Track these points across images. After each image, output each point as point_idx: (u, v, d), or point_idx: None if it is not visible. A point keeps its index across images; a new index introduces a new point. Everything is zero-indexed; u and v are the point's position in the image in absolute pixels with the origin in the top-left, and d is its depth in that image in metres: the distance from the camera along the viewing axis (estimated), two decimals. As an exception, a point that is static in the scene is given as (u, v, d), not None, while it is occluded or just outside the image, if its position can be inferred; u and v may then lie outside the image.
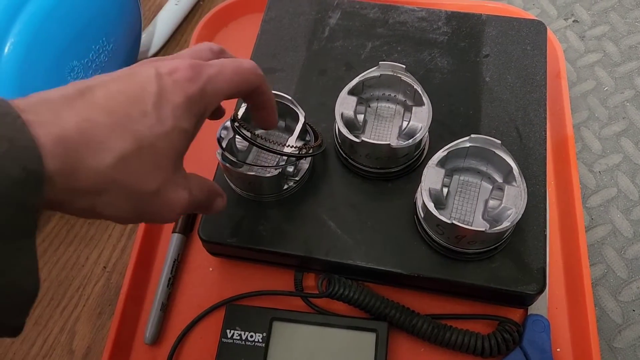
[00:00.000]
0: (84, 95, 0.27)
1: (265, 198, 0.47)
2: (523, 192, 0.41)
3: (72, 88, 0.27)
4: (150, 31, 0.65)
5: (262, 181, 0.44)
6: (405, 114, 0.49)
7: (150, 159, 0.29)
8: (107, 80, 0.29)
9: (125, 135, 0.27)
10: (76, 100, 0.27)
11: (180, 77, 0.30)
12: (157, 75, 0.29)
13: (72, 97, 0.27)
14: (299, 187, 0.47)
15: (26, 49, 0.46)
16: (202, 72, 0.31)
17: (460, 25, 0.55)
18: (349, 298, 0.45)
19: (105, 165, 0.27)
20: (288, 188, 0.46)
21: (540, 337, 0.45)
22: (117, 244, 0.54)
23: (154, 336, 0.47)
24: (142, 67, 0.30)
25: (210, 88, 0.31)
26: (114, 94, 0.28)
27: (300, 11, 0.57)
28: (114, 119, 0.27)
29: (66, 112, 0.26)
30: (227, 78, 0.32)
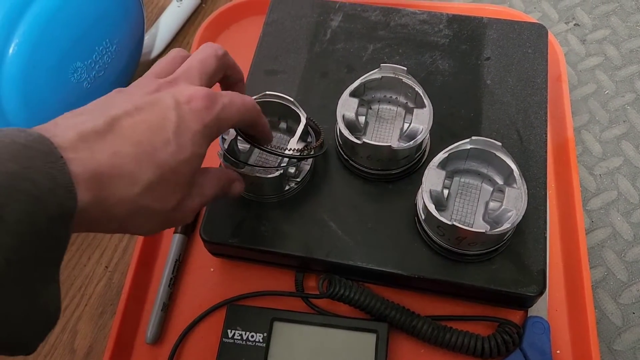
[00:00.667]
0: (112, 128, 0.29)
1: (267, 199, 0.47)
2: (523, 194, 0.42)
3: (101, 120, 0.29)
4: (152, 33, 0.66)
5: (264, 182, 0.45)
6: (406, 116, 0.49)
7: (172, 184, 0.32)
8: (131, 109, 0.31)
9: (151, 165, 0.30)
10: (106, 135, 0.29)
11: (197, 106, 0.32)
12: (176, 105, 0.32)
13: (102, 131, 0.29)
14: (300, 188, 0.47)
15: (30, 49, 0.47)
16: (217, 101, 0.34)
17: (461, 28, 0.55)
18: (350, 299, 0.45)
19: (133, 194, 0.30)
20: (289, 189, 0.47)
21: (540, 339, 0.45)
22: (119, 244, 0.54)
23: (155, 336, 0.47)
24: (162, 95, 0.32)
25: (223, 116, 0.34)
26: (139, 124, 0.30)
27: (302, 14, 0.58)
28: (140, 149, 0.30)
29: (99, 146, 0.28)
30: (236, 108, 0.35)
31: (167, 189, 0.31)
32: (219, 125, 0.34)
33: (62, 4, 0.48)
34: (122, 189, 0.29)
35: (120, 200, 0.29)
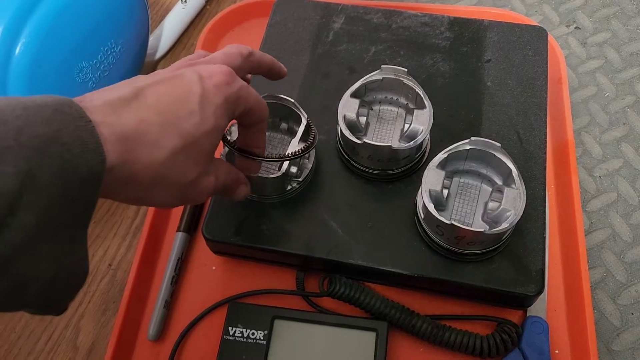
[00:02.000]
0: (138, 97, 0.30)
1: (269, 199, 0.47)
2: (522, 195, 0.42)
3: (127, 89, 0.30)
4: (157, 34, 0.66)
5: (266, 182, 0.45)
6: (406, 116, 0.49)
7: (193, 155, 0.32)
8: (155, 81, 0.32)
9: (175, 134, 0.31)
10: (132, 102, 0.30)
11: (219, 80, 0.33)
12: (200, 79, 0.33)
13: (128, 98, 0.30)
14: (302, 187, 0.48)
15: (37, 49, 0.47)
16: (237, 79, 0.35)
17: (462, 31, 0.56)
18: (350, 297, 0.46)
19: (157, 162, 0.30)
20: (291, 189, 0.47)
21: (538, 338, 0.45)
22: (123, 242, 0.55)
23: (157, 333, 0.48)
24: (184, 70, 0.33)
25: (243, 93, 0.35)
26: (163, 95, 0.31)
27: (305, 16, 0.58)
28: (165, 118, 0.31)
29: (125, 112, 0.29)
30: (253, 92, 0.36)
31: (188, 161, 0.32)
32: (237, 102, 0.34)
33: (68, 5, 0.49)
34: (147, 155, 0.30)
35: (145, 166, 0.30)
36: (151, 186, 0.31)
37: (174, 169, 0.31)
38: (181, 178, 0.32)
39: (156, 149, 0.30)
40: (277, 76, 0.43)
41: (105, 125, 0.27)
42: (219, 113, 0.33)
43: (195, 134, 0.32)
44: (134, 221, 0.56)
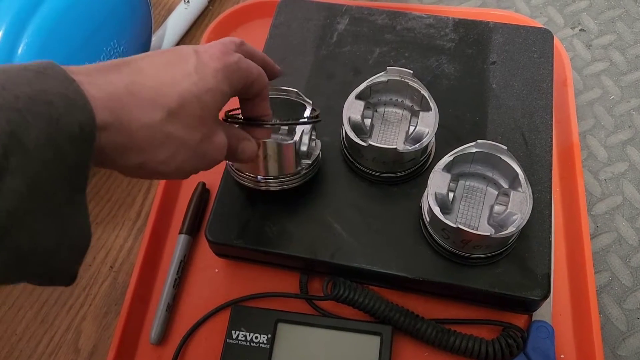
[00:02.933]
0: (129, 64, 0.30)
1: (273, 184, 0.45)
2: (529, 198, 0.42)
3: (117, 60, 0.30)
4: (160, 34, 0.66)
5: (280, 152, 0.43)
6: (412, 119, 0.49)
7: (197, 112, 0.31)
8: (149, 54, 0.32)
9: (172, 93, 0.30)
10: (122, 67, 0.29)
11: (215, 52, 0.33)
12: (195, 51, 0.33)
13: (119, 64, 0.29)
14: (312, 174, 0.46)
15: (39, 49, 0.47)
16: (233, 53, 0.34)
17: (467, 33, 0.56)
18: (354, 301, 0.45)
19: (156, 120, 0.29)
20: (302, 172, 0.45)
21: (544, 343, 0.45)
22: (124, 245, 0.55)
23: (159, 336, 0.48)
24: (179, 46, 0.34)
25: (243, 64, 0.34)
26: (157, 62, 0.31)
27: (309, 16, 0.58)
28: (159, 80, 0.30)
29: (115, 75, 0.28)
30: (253, 64, 0.36)
31: (192, 118, 0.31)
32: (239, 72, 0.34)
33: (71, 5, 0.49)
34: (144, 114, 0.29)
35: (142, 125, 0.28)
36: (153, 148, 0.30)
37: (177, 126, 0.30)
38: (189, 136, 0.31)
39: (153, 108, 0.29)
40: (271, 74, 0.42)
41: (92, 85, 0.27)
42: (219, 77, 0.32)
43: (195, 91, 0.31)
44: (136, 223, 0.56)
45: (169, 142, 0.30)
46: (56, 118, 0.24)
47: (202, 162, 0.34)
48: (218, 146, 0.34)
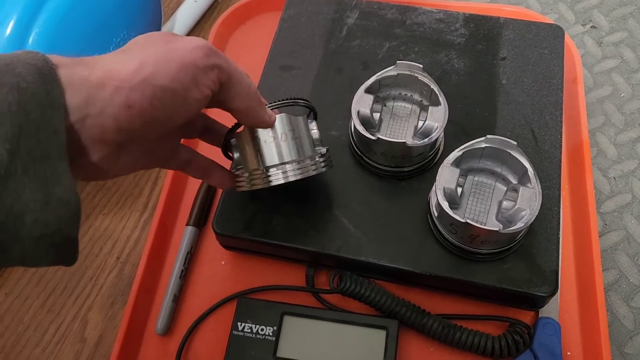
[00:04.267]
0: None
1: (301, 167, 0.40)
2: (538, 194, 0.41)
3: None
4: (169, 27, 0.66)
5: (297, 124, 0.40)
6: (421, 113, 0.49)
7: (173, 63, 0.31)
8: None
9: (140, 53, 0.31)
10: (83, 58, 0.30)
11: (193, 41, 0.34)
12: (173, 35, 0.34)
13: None
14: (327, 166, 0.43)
15: (49, 39, 0.47)
16: None
17: (477, 28, 0.55)
18: (360, 295, 0.45)
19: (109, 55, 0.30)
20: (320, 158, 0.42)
21: (550, 340, 0.45)
22: (131, 235, 0.55)
23: (165, 327, 0.48)
24: None
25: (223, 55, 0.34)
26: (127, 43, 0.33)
27: (319, 10, 0.58)
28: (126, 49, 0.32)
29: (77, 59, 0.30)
30: None
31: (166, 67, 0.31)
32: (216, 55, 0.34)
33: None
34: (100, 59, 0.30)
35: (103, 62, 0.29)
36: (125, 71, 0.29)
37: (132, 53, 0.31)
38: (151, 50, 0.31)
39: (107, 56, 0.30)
40: None
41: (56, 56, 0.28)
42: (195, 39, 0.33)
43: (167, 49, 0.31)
44: (143, 214, 0.56)
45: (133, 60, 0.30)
46: (25, 87, 0.25)
47: (186, 55, 0.32)
48: (192, 40, 0.33)
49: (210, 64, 0.33)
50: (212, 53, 0.33)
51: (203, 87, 0.33)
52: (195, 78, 0.32)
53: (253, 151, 0.40)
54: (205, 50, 0.33)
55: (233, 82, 0.35)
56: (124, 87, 0.29)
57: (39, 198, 0.26)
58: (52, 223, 0.27)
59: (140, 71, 0.30)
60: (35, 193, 0.26)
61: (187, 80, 0.32)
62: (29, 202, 0.26)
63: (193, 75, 0.32)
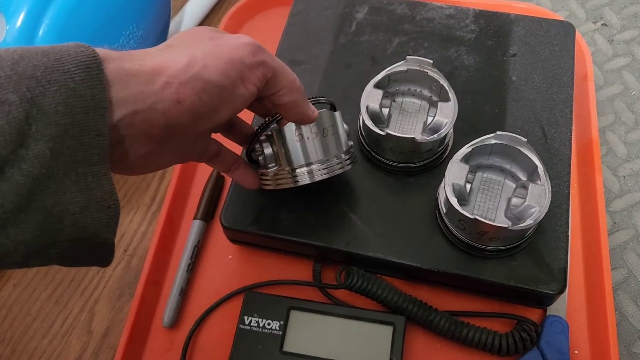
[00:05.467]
0: None
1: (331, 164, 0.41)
2: (547, 191, 0.41)
3: None
4: (178, 20, 0.66)
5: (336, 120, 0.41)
6: (430, 109, 0.49)
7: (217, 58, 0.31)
8: None
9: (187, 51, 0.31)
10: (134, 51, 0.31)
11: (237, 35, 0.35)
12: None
13: None
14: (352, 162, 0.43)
15: (59, 32, 0.47)
16: None
17: (488, 24, 0.55)
18: (367, 290, 0.45)
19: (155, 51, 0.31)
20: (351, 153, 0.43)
21: (558, 338, 0.44)
22: (138, 229, 0.55)
23: (172, 320, 0.48)
24: None
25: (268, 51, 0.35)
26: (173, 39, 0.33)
27: (328, 5, 0.57)
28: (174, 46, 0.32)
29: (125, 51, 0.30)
30: None
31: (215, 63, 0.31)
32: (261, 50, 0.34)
33: (91, -13, 0.49)
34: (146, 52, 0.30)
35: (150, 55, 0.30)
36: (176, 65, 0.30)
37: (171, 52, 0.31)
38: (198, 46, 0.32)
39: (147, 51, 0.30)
40: None
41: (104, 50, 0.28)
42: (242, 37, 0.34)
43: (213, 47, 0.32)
44: (150, 208, 0.56)
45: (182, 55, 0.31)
46: (73, 87, 0.25)
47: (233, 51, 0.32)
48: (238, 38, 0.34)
49: (257, 61, 0.33)
50: (258, 51, 0.34)
51: (249, 84, 0.33)
52: (242, 75, 0.33)
53: (289, 149, 0.40)
54: (252, 47, 0.33)
55: (279, 77, 0.35)
56: (173, 82, 0.29)
57: (78, 201, 0.26)
58: (90, 227, 0.27)
59: (190, 66, 0.30)
60: (75, 195, 0.26)
61: (235, 77, 0.32)
62: (69, 205, 0.26)
63: (240, 71, 0.32)
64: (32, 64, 0.24)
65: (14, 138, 0.23)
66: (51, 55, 0.25)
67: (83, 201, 0.26)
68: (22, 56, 0.25)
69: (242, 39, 0.34)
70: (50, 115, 0.24)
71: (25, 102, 0.23)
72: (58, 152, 0.25)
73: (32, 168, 0.24)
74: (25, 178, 0.24)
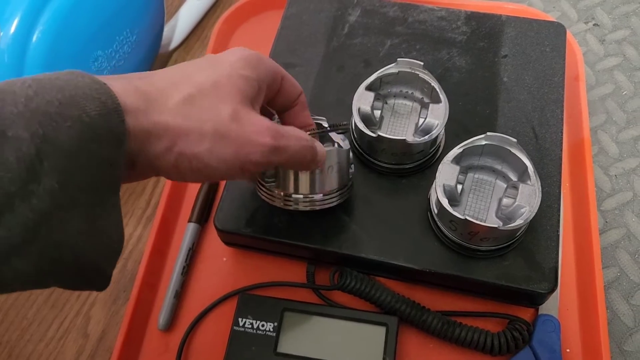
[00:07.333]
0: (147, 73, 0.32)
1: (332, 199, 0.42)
2: (537, 191, 0.42)
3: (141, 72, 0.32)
4: (172, 25, 0.66)
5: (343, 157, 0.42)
6: (421, 111, 0.49)
7: (215, 95, 0.32)
8: None
9: (188, 83, 0.31)
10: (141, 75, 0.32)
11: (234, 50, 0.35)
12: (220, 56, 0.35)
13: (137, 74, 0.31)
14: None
15: (53, 37, 0.48)
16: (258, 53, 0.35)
17: (479, 26, 0.55)
18: (360, 291, 0.46)
19: (175, 103, 0.30)
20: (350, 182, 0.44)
21: (550, 337, 0.45)
22: (134, 232, 0.55)
23: (167, 322, 0.48)
24: None
25: (267, 60, 0.36)
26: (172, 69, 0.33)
27: (321, 8, 0.58)
28: (176, 77, 0.32)
29: (135, 78, 0.30)
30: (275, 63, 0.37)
31: (211, 99, 0.31)
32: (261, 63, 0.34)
33: (84, -7, 0.49)
34: (164, 101, 0.30)
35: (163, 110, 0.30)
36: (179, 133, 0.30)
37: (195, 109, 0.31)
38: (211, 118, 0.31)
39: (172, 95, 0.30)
40: None
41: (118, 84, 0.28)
42: (237, 65, 0.33)
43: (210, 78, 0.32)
44: (145, 212, 0.56)
45: (194, 124, 0.30)
46: (87, 122, 0.25)
47: (242, 148, 0.32)
48: (256, 126, 0.32)
49: (265, 162, 0.33)
50: (271, 151, 0.33)
51: (248, 174, 0.35)
52: (244, 168, 0.33)
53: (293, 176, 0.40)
54: (267, 147, 0.32)
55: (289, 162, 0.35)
56: (174, 150, 0.30)
57: (83, 232, 0.26)
58: (91, 259, 0.27)
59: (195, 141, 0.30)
60: (81, 226, 0.26)
61: (235, 170, 0.33)
62: (74, 236, 0.26)
63: (242, 166, 0.32)
64: (45, 100, 0.24)
65: (24, 174, 0.23)
66: (66, 91, 0.25)
67: (88, 232, 0.26)
68: (37, 92, 0.25)
69: (262, 133, 0.32)
70: (63, 150, 0.24)
71: (36, 138, 0.23)
72: (68, 185, 0.24)
73: (42, 203, 0.24)
74: (34, 213, 0.23)
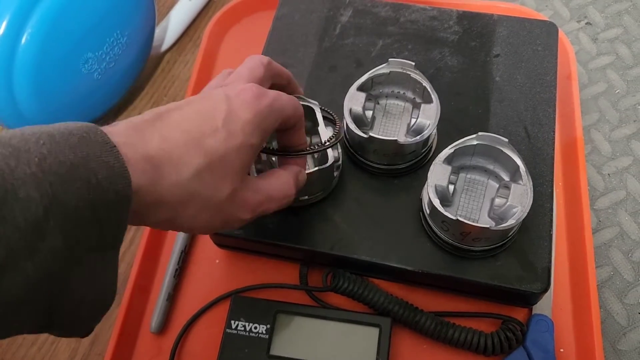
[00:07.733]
0: (162, 117, 0.31)
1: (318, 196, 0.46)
2: (529, 191, 0.41)
3: (152, 113, 0.31)
4: (163, 26, 0.66)
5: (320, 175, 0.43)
6: (413, 111, 0.49)
7: (221, 171, 0.32)
8: (181, 104, 0.33)
9: (199, 151, 0.31)
10: (156, 122, 0.30)
11: (247, 96, 0.33)
12: (226, 97, 0.33)
13: (152, 120, 0.31)
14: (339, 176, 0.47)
15: (43, 39, 0.47)
16: (267, 93, 0.34)
17: (471, 25, 0.55)
18: (353, 293, 0.46)
19: (183, 179, 0.30)
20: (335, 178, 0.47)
21: (543, 337, 0.45)
22: (126, 235, 0.55)
23: (159, 325, 0.48)
24: (212, 91, 0.34)
25: (276, 105, 0.35)
26: (188, 114, 0.32)
27: (312, 8, 0.58)
28: (189, 136, 0.31)
29: (148, 132, 0.30)
30: (286, 100, 0.36)
31: (216, 176, 0.32)
32: (271, 115, 0.34)
33: (74, -5, 0.49)
34: (173, 173, 0.30)
35: (171, 184, 0.30)
36: (181, 206, 0.31)
37: (201, 186, 0.31)
38: (213, 194, 0.32)
39: (181, 167, 0.30)
40: (294, 92, 0.42)
41: (129, 147, 0.28)
42: (248, 129, 0.33)
43: (221, 150, 0.31)
44: (138, 213, 0.56)
45: (195, 200, 0.31)
46: (95, 184, 0.25)
47: (228, 220, 0.34)
48: (245, 205, 0.34)
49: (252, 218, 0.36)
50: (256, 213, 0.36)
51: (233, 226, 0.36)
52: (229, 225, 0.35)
53: None
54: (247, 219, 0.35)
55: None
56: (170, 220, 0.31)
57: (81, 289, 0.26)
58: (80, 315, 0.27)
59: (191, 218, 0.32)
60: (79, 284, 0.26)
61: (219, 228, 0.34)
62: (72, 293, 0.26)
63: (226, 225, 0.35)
64: (58, 161, 0.25)
65: (30, 233, 0.23)
66: (78, 151, 0.25)
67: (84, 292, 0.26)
68: (50, 151, 0.25)
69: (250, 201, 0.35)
70: (70, 210, 0.24)
71: (45, 199, 0.24)
72: (73, 243, 0.25)
73: (44, 261, 0.24)
74: (36, 272, 0.24)
